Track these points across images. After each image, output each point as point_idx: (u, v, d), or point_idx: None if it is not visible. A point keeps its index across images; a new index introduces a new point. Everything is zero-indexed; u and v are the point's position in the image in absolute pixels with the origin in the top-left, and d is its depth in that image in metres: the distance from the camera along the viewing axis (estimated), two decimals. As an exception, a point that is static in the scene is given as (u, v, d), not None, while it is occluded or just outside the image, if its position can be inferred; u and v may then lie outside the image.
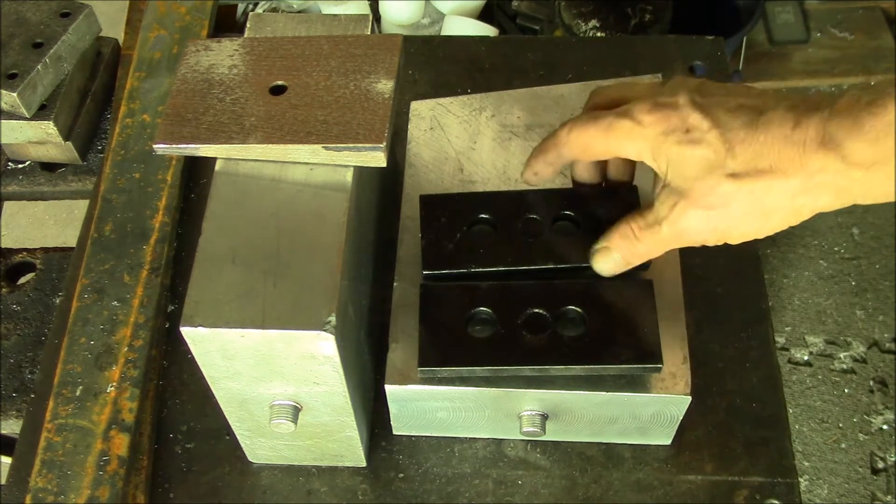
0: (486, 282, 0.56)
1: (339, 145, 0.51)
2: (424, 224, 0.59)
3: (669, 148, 0.49)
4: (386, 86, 0.53)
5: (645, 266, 0.56)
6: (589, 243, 0.56)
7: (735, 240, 0.51)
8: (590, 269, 0.56)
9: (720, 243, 0.51)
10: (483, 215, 0.58)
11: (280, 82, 0.53)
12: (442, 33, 1.66)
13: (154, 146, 0.52)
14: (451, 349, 0.54)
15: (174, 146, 0.52)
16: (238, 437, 0.59)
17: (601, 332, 0.54)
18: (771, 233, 0.50)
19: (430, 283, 0.57)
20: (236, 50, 0.55)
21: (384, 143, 0.50)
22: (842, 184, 0.46)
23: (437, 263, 0.57)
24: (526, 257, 0.57)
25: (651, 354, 0.53)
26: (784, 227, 0.50)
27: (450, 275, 0.57)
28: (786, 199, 0.48)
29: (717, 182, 0.48)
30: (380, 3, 1.68)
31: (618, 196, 0.57)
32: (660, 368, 0.54)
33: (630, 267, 0.55)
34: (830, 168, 0.46)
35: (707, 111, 0.49)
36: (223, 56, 0.55)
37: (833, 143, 0.45)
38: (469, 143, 0.66)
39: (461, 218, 0.58)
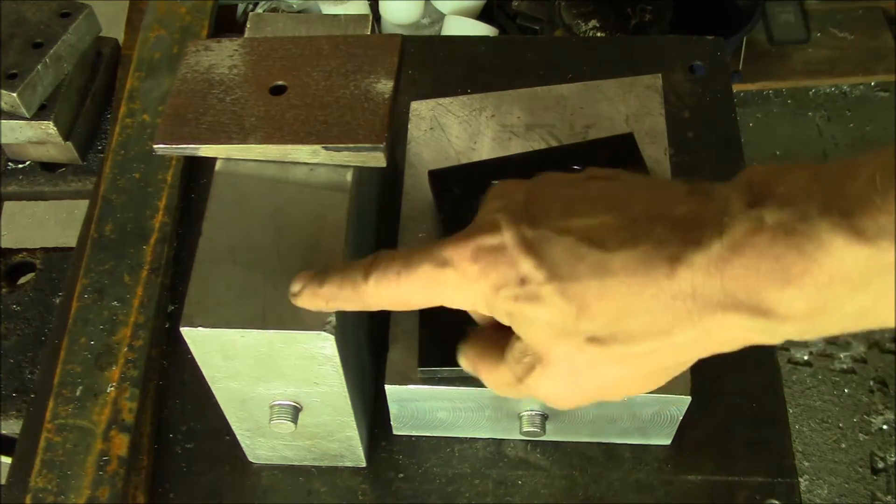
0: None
1: (339, 145, 0.51)
2: (438, 199, 0.59)
3: (504, 304, 0.38)
4: (386, 86, 0.53)
5: None
6: None
7: (618, 398, 0.41)
8: None
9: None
10: (495, 182, 0.60)
11: (280, 82, 0.53)
12: (442, 33, 1.66)
13: (154, 146, 0.52)
14: (451, 349, 0.54)
15: (174, 146, 0.52)
16: (238, 437, 0.59)
17: None
18: (664, 382, 0.40)
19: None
20: (236, 50, 0.55)
21: (384, 144, 0.50)
22: (763, 337, 0.34)
23: None
24: None
25: None
26: (682, 370, 0.39)
27: None
28: (674, 357, 0.37)
29: (576, 348, 0.37)
30: (380, 3, 1.68)
31: (617, 145, 0.59)
32: None
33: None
34: (742, 325, 0.34)
35: (540, 254, 0.37)
36: (223, 56, 0.55)
37: (742, 305, 0.33)
38: (469, 143, 0.66)
39: (474, 188, 0.59)
